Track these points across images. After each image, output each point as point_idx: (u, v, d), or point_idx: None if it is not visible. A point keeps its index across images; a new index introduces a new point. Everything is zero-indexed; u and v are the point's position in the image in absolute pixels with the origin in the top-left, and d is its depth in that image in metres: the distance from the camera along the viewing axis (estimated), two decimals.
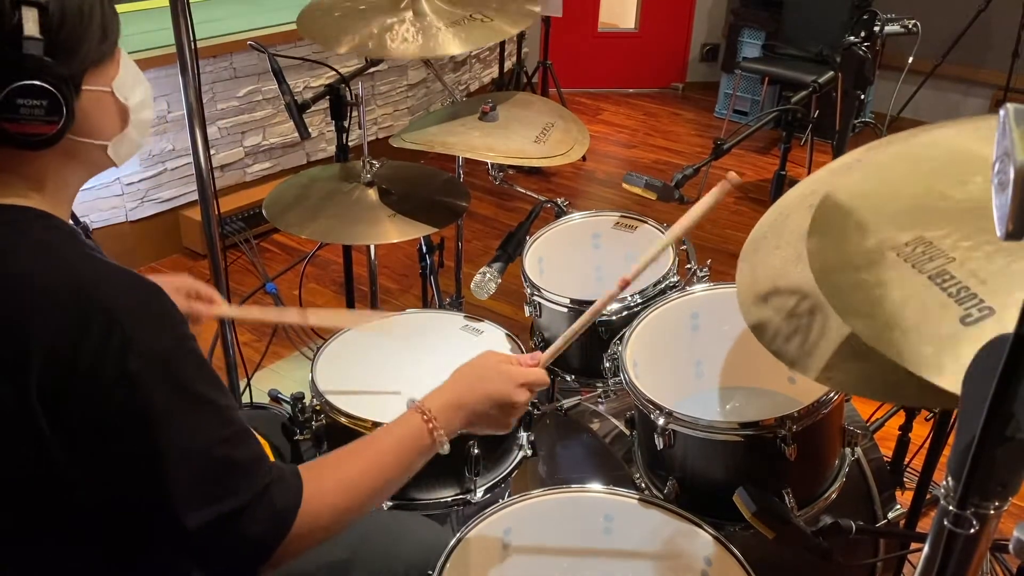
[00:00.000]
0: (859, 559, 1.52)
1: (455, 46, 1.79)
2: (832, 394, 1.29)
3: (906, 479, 1.95)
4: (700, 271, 1.82)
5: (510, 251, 1.83)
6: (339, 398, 1.47)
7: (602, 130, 5.21)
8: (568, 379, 1.83)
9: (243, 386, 2.31)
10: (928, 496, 1.63)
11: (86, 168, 0.96)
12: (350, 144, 2.06)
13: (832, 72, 2.01)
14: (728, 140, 1.86)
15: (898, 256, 0.83)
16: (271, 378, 2.71)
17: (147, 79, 0.99)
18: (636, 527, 1.29)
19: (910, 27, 1.93)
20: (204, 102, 1.80)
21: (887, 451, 1.75)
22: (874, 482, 1.52)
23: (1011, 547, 0.60)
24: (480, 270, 1.78)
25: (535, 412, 1.54)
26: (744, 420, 1.31)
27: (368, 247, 2.20)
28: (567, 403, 1.72)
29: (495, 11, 1.89)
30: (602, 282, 2.01)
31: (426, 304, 2.40)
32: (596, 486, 1.33)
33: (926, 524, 1.75)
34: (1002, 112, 0.55)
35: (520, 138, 1.85)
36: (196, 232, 3.47)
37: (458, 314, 1.76)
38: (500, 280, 1.78)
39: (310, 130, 1.93)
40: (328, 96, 1.97)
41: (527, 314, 1.86)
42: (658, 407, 1.33)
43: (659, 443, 1.34)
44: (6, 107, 0.82)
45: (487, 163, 1.98)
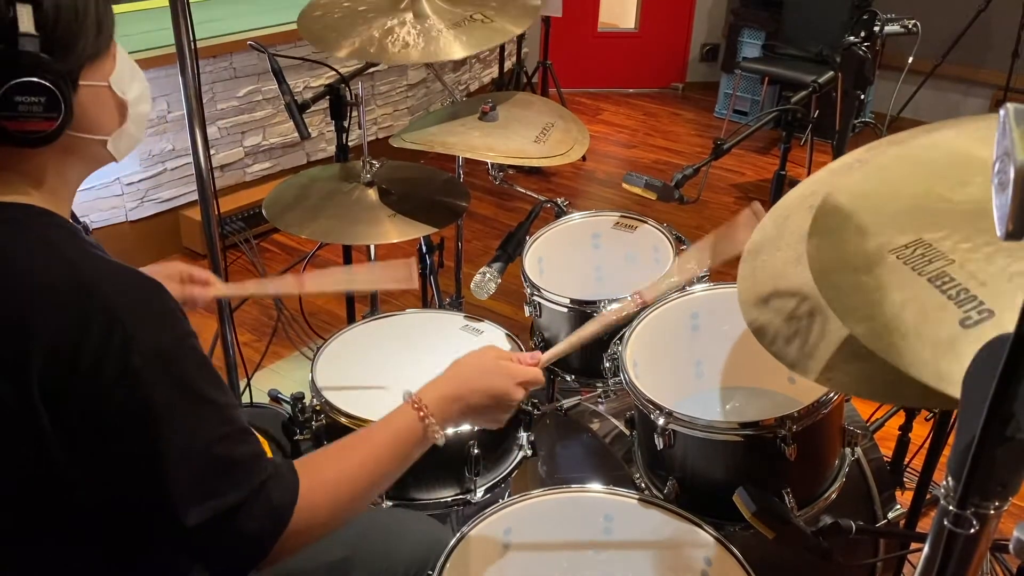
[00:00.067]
0: (859, 559, 1.52)
1: (457, 50, 1.77)
2: (832, 394, 1.29)
3: (906, 479, 1.95)
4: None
5: (510, 251, 1.83)
6: (339, 398, 1.47)
7: (602, 130, 5.21)
8: (568, 379, 1.83)
9: (243, 386, 2.31)
10: (928, 496, 1.63)
11: (86, 164, 0.96)
12: (350, 144, 2.06)
13: (832, 72, 2.01)
14: (728, 140, 1.86)
15: (898, 258, 0.83)
16: (271, 378, 2.71)
17: (147, 78, 0.99)
18: (636, 527, 1.29)
19: (910, 27, 1.93)
20: (204, 102, 1.79)
21: (887, 451, 1.75)
22: (874, 482, 1.52)
23: (1011, 547, 0.60)
24: (480, 270, 1.78)
25: (535, 412, 1.54)
26: (744, 420, 1.31)
27: (368, 247, 2.20)
28: (567, 403, 1.72)
29: (495, 10, 1.88)
30: (602, 282, 2.00)
31: (426, 304, 2.40)
32: (596, 486, 1.33)
33: (926, 524, 1.75)
34: (1002, 112, 0.55)
35: (520, 138, 1.84)
36: (196, 232, 3.47)
37: (458, 314, 1.76)
38: (500, 280, 1.78)
39: (310, 130, 1.92)
40: (328, 96, 1.97)
41: (527, 314, 1.86)
42: (658, 407, 1.33)
43: (659, 443, 1.34)
44: (4, 105, 0.82)
45: (487, 163, 1.98)
